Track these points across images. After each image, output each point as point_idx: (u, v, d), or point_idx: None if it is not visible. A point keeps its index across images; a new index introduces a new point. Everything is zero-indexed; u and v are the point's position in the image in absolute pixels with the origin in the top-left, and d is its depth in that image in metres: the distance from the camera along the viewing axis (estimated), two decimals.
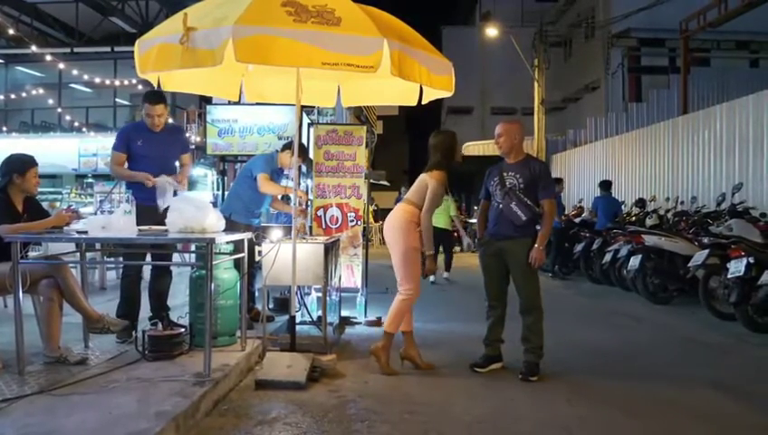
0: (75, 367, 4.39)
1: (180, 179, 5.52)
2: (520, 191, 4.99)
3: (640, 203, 11.80)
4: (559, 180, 12.71)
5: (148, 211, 5.08)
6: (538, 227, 5.04)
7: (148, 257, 5.60)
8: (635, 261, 8.86)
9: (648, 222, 10.20)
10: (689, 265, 7.67)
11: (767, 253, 6.67)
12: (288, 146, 6.55)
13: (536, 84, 20.43)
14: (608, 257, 9.99)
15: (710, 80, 19.55)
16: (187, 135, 16.25)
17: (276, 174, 6.62)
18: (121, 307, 5.44)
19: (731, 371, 5.28)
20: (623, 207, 12.37)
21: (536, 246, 4.92)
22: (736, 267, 6.70)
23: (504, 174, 5.10)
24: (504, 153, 5.19)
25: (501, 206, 5.05)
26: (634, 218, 11.27)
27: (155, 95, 5.49)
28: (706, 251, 7.45)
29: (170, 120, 5.75)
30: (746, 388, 4.84)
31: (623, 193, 14.56)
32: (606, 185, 12.15)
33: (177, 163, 5.76)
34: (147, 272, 5.88)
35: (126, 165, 5.53)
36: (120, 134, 5.64)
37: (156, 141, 5.52)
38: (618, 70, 22.85)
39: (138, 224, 4.74)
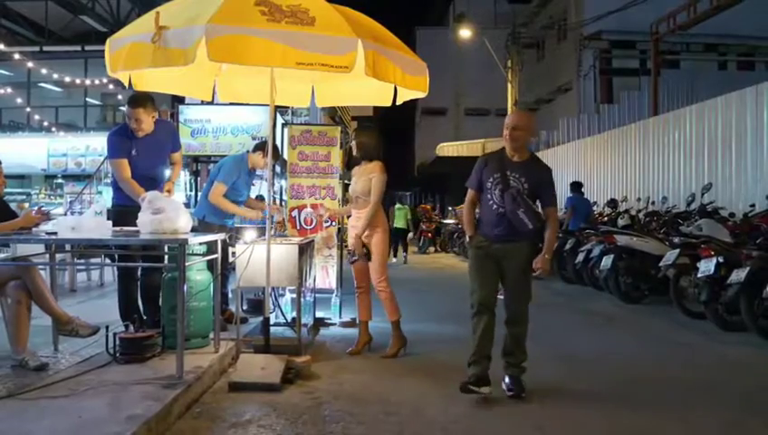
0: (43, 371, 4.30)
1: (168, 187, 5.50)
2: (528, 197, 4.44)
3: (612, 203, 11.93)
4: None
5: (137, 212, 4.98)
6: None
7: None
8: (607, 261, 8.94)
9: (620, 222, 10.32)
10: (660, 264, 7.76)
11: (736, 252, 6.74)
12: (260, 147, 6.50)
13: (509, 86, 20.57)
14: (580, 257, 10.08)
15: (680, 82, 19.88)
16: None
17: (247, 175, 6.55)
18: (119, 307, 5.47)
19: (702, 369, 5.34)
20: (595, 207, 12.49)
21: (545, 255, 4.45)
22: (706, 267, 6.78)
23: (508, 173, 4.48)
24: (515, 149, 4.55)
25: (503, 210, 4.45)
26: (606, 219, 11.40)
27: (133, 99, 5.39)
28: (677, 251, 7.53)
29: (158, 116, 5.65)
30: (717, 387, 4.89)
31: (595, 193, 14.73)
32: (577, 186, 12.23)
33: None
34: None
35: None
36: (117, 140, 5.45)
37: (148, 146, 5.44)
38: (589, 72, 23.11)
39: (128, 225, 4.82)
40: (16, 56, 16.10)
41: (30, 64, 16.86)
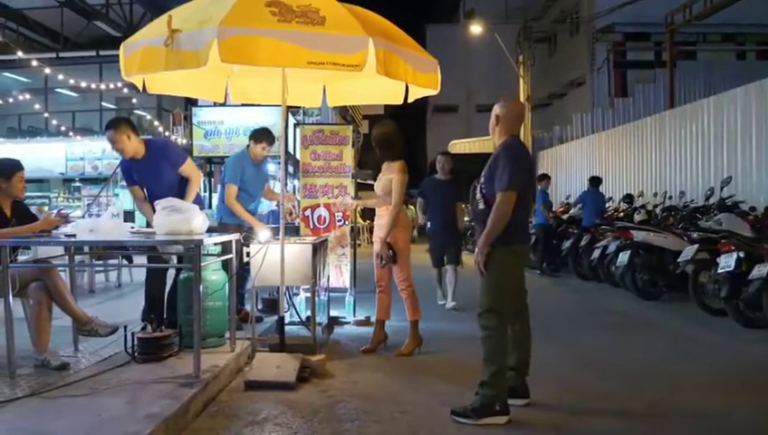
0: (64, 370, 4.37)
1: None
2: (481, 190, 4.10)
3: (628, 198, 11.81)
4: (545, 176, 12.69)
5: None
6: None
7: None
8: (623, 257, 8.83)
9: (637, 217, 10.19)
10: (678, 260, 7.64)
11: (757, 247, 6.61)
12: (252, 135, 6.47)
13: (521, 81, 20.47)
14: (596, 254, 9.98)
15: (696, 73, 19.61)
16: (173, 138, 16.12)
17: (253, 167, 6.49)
18: (145, 307, 5.57)
19: (721, 368, 5.25)
20: (611, 202, 12.40)
21: (476, 249, 4.02)
22: (726, 262, 6.64)
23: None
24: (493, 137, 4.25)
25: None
26: (622, 214, 11.30)
27: (108, 122, 5.59)
28: (696, 246, 7.41)
29: (151, 137, 5.81)
30: (736, 386, 4.78)
31: (611, 189, 14.60)
32: (593, 181, 12.14)
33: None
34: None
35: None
36: (123, 169, 5.75)
37: (144, 169, 5.55)
38: (603, 65, 22.91)
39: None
40: (34, 63, 16.34)
41: (47, 70, 17.08)
